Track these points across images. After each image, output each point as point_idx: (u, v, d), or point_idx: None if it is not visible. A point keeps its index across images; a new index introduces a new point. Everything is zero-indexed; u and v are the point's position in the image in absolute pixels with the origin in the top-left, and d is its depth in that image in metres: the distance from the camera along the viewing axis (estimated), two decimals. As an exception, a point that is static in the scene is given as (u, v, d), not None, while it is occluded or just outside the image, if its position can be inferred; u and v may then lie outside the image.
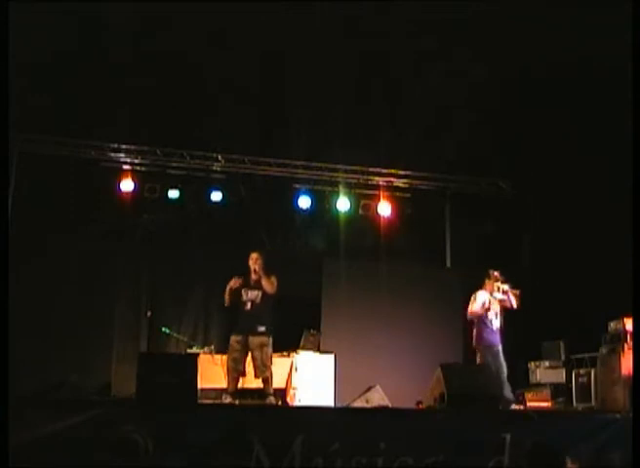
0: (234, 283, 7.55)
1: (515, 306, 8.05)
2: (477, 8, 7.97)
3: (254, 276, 7.63)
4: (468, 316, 8.03)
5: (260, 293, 7.57)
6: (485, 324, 7.95)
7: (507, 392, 7.68)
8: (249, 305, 7.54)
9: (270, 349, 7.55)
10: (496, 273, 8.05)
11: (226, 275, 7.68)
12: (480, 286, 8.13)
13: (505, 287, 8.05)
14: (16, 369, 5.30)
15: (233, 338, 7.48)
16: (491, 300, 8.01)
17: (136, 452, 5.16)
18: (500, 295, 8.02)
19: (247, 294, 7.57)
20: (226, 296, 7.57)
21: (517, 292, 8.07)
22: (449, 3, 8.05)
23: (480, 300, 7.99)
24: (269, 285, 7.56)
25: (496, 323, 7.98)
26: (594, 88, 8.53)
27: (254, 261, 7.64)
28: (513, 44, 8.43)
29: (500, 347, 7.95)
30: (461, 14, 8.10)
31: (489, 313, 7.96)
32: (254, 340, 7.43)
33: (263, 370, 7.43)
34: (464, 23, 8.27)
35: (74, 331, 8.80)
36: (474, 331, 8.03)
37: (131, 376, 6.42)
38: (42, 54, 8.20)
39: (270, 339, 7.52)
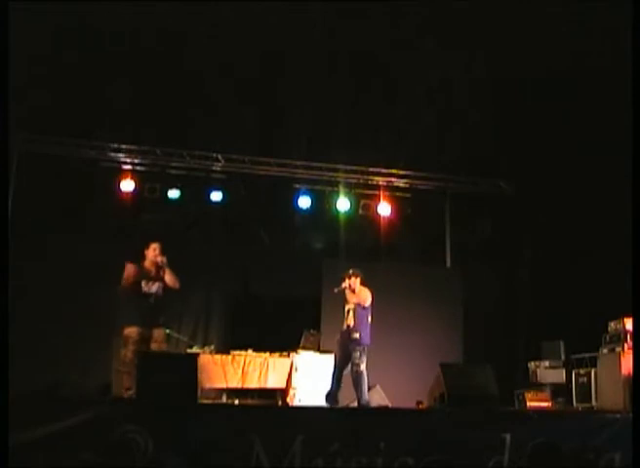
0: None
1: (365, 302, 7.86)
2: (477, 8, 7.98)
3: (151, 267, 7.47)
4: None
5: (161, 285, 7.43)
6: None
7: (333, 398, 7.63)
8: (152, 298, 7.37)
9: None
10: (349, 271, 7.95)
11: (226, 275, 7.69)
12: None
13: (352, 281, 7.92)
14: (16, 368, 5.31)
15: (132, 330, 7.24)
16: (345, 299, 7.93)
17: (136, 452, 5.16)
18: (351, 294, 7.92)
19: (149, 287, 7.40)
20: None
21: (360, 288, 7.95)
22: (449, 3, 8.06)
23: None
24: (173, 279, 7.44)
25: (345, 321, 7.86)
26: (594, 88, 8.53)
27: (157, 252, 7.47)
28: (513, 44, 8.44)
29: (350, 345, 7.75)
30: (462, 14, 8.11)
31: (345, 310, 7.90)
32: (156, 333, 7.33)
33: None
34: (465, 23, 8.28)
35: (74, 330, 8.80)
36: None
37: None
38: (42, 53, 8.20)
39: None
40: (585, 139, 9.19)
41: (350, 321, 7.84)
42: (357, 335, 7.76)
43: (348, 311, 7.88)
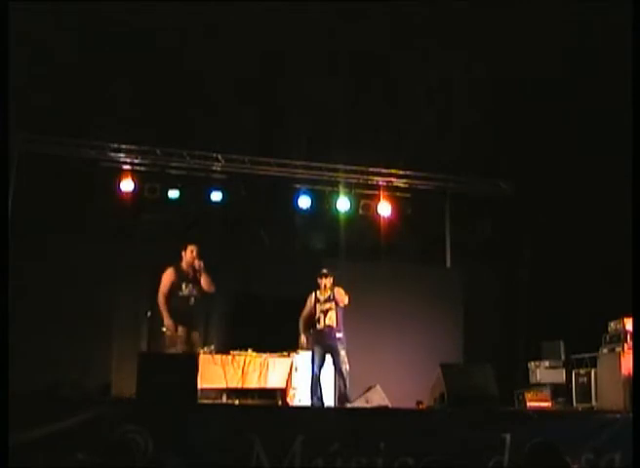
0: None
1: (345, 301, 7.89)
2: (477, 8, 7.98)
3: (188, 269, 7.54)
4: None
5: (198, 288, 7.51)
6: (312, 323, 7.90)
7: (318, 399, 7.67)
8: (192, 300, 7.47)
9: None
10: (324, 270, 7.98)
11: (226, 275, 7.70)
12: None
13: (327, 281, 7.95)
14: (16, 368, 5.31)
15: (173, 332, 7.36)
16: (318, 298, 7.94)
17: (136, 452, 5.16)
18: (334, 293, 7.92)
19: (189, 289, 7.48)
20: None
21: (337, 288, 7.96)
22: (449, 3, 8.06)
23: (306, 308, 8.00)
24: (208, 283, 7.49)
25: (323, 321, 7.85)
26: (594, 88, 8.53)
27: (194, 255, 7.52)
28: (513, 44, 8.43)
29: (331, 345, 7.78)
30: (462, 14, 8.11)
31: (316, 312, 7.90)
32: (194, 336, 7.46)
33: None
34: (465, 23, 8.28)
35: (74, 330, 8.79)
36: None
37: (131, 376, 6.43)
38: (42, 53, 8.20)
39: None
40: (585, 139, 9.19)
41: (332, 321, 7.85)
42: (341, 335, 7.83)
43: (327, 311, 7.88)
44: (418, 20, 8.26)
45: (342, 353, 7.76)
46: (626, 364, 7.50)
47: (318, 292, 7.99)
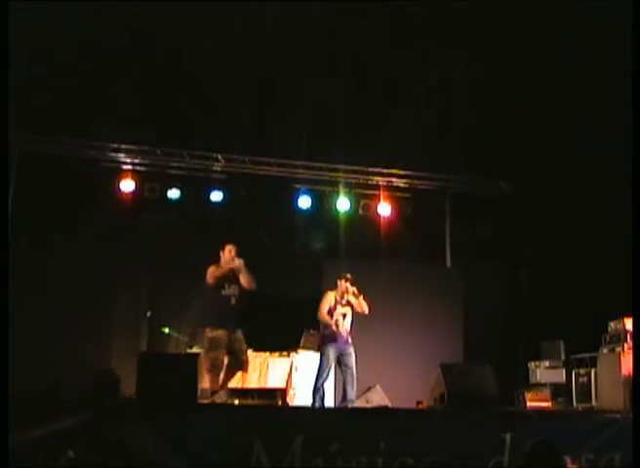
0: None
1: (366, 311, 7.94)
2: (477, 8, 7.97)
3: (228, 269, 7.56)
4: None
5: (237, 287, 7.54)
6: (328, 324, 7.87)
7: (319, 399, 7.66)
8: (233, 300, 7.50)
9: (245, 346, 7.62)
10: (348, 275, 7.98)
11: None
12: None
13: (353, 289, 7.93)
14: (16, 369, 5.30)
15: (216, 333, 7.39)
16: (337, 301, 7.93)
17: (136, 452, 5.16)
18: (352, 299, 7.93)
19: (231, 289, 7.52)
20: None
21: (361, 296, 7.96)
22: (449, 3, 8.06)
23: (326, 303, 7.94)
24: (248, 281, 7.51)
25: (341, 324, 7.87)
26: (594, 88, 8.53)
27: (233, 254, 7.55)
28: (513, 44, 8.43)
29: (345, 348, 7.83)
30: (462, 14, 8.10)
31: (334, 314, 7.88)
32: (236, 336, 7.43)
33: (245, 365, 7.52)
34: (465, 23, 8.28)
35: (74, 330, 8.80)
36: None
37: (131, 376, 6.43)
38: (42, 53, 8.20)
39: None
40: (585, 139, 9.18)
41: (349, 325, 7.91)
42: (350, 340, 7.90)
43: (345, 315, 7.92)
44: (418, 20, 8.26)
45: (354, 357, 7.79)
46: (626, 364, 7.51)
47: (337, 294, 7.96)
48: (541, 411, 7.47)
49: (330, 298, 7.96)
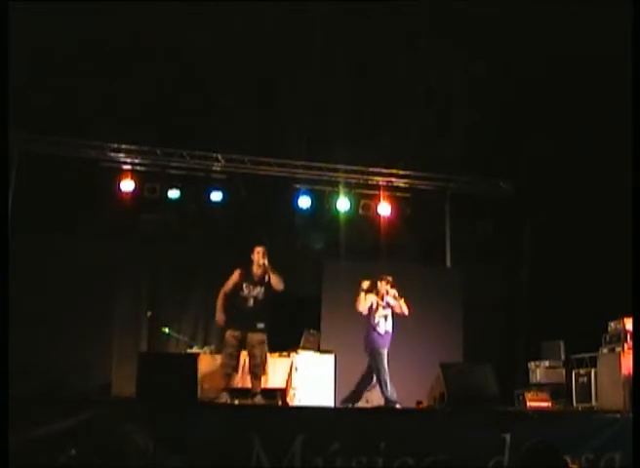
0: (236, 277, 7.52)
1: (406, 313, 8.01)
2: (477, 8, 7.97)
3: (258, 271, 7.59)
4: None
5: (262, 290, 7.55)
6: (372, 326, 7.94)
7: (392, 394, 7.69)
8: (251, 301, 7.51)
9: (267, 347, 7.55)
10: (389, 278, 8.02)
11: (226, 275, 7.69)
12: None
13: (394, 292, 8.01)
14: (16, 369, 5.30)
15: (230, 333, 7.44)
16: (379, 303, 7.98)
17: (136, 452, 5.16)
18: (392, 300, 7.99)
19: (249, 290, 7.53)
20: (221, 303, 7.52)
21: (402, 299, 8.05)
22: (449, 3, 8.06)
23: (368, 302, 7.99)
24: (278, 282, 7.53)
25: (384, 326, 7.94)
26: (594, 87, 8.53)
27: (260, 256, 7.59)
28: (513, 44, 8.43)
29: (384, 350, 7.91)
30: (462, 14, 8.10)
31: (375, 316, 7.94)
32: (253, 337, 7.41)
33: (260, 368, 7.43)
34: (465, 23, 8.27)
35: (74, 330, 8.80)
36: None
37: (131, 376, 6.43)
38: (42, 53, 8.19)
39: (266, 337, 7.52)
40: (585, 139, 9.18)
41: (390, 327, 7.99)
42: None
43: (386, 316, 7.99)
44: (418, 20, 8.26)
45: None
46: (626, 364, 7.51)
47: (377, 297, 8.02)
48: (541, 411, 7.48)
49: (368, 300, 8.01)
